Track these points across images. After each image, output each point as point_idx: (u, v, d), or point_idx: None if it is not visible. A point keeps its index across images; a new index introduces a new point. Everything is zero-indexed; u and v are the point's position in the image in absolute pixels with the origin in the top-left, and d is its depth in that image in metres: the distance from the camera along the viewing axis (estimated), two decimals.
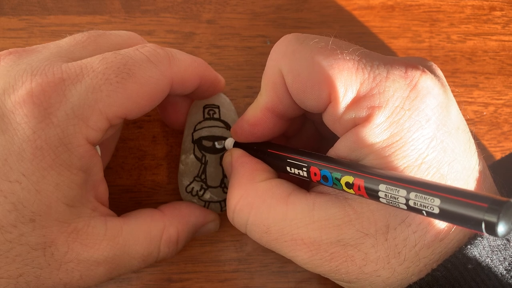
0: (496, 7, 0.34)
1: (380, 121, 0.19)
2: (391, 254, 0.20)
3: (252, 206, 0.22)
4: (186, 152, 0.27)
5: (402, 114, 0.19)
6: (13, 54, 0.22)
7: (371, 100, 0.20)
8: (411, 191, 0.17)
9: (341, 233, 0.20)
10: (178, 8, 0.32)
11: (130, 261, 0.23)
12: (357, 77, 0.20)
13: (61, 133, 0.20)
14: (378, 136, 0.19)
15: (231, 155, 0.25)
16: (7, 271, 0.19)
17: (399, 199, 0.17)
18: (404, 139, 0.19)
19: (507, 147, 0.32)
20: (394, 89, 0.19)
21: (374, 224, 0.20)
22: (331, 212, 0.21)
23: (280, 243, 0.22)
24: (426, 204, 0.16)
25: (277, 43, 0.22)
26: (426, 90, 0.20)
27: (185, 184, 0.27)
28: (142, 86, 0.22)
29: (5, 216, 0.19)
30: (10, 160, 0.19)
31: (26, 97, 0.20)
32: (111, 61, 0.21)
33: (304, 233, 0.21)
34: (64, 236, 0.20)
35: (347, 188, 0.20)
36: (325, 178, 0.21)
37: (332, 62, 0.20)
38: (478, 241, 0.19)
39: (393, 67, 0.20)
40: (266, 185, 0.23)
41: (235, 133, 0.25)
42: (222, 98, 0.28)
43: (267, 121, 0.24)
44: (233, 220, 0.24)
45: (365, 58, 0.20)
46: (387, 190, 0.18)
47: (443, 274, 0.20)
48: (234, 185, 0.24)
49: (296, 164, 0.22)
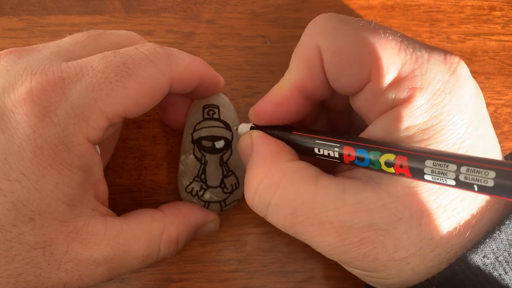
0: (496, 7, 0.34)
1: (421, 103, 0.19)
2: (424, 240, 0.20)
3: (278, 186, 0.21)
4: (185, 152, 0.27)
5: (443, 97, 0.19)
6: (13, 54, 0.22)
7: (413, 81, 0.19)
8: (462, 165, 0.16)
9: (374, 217, 0.20)
10: (178, 8, 0.32)
11: (130, 260, 0.23)
12: (399, 57, 0.20)
13: (61, 132, 0.20)
14: (419, 117, 0.19)
15: (251, 136, 0.24)
16: (7, 270, 0.19)
17: (448, 174, 0.17)
18: (444, 122, 0.19)
19: (507, 147, 0.32)
20: (435, 72, 0.19)
21: (409, 208, 0.19)
22: (364, 196, 0.20)
23: (305, 227, 0.21)
24: (479, 178, 0.16)
25: (313, 21, 0.22)
26: (464, 77, 0.20)
27: (185, 184, 0.27)
28: (141, 85, 0.22)
29: (4, 215, 0.19)
30: (10, 159, 0.19)
31: (26, 96, 0.20)
32: (111, 60, 0.21)
33: (334, 216, 0.20)
34: (64, 235, 0.20)
35: (386, 167, 0.19)
36: (361, 159, 0.20)
37: (375, 40, 0.20)
38: (496, 234, 0.19)
39: (433, 51, 0.20)
40: (293, 165, 0.22)
41: (256, 113, 0.24)
42: (221, 98, 0.28)
43: (294, 100, 0.23)
44: (254, 200, 0.22)
45: (407, 40, 0.20)
46: (435, 166, 0.17)
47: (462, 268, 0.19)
48: (257, 164, 0.22)
49: (327, 145, 0.21)
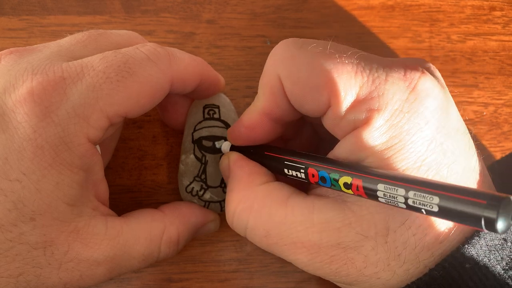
0: (496, 7, 0.34)
1: (379, 124, 0.19)
2: (391, 257, 0.20)
3: (251, 210, 0.22)
4: (186, 152, 0.27)
5: (401, 117, 0.19)
6: (14, 53, 0.22)
7: (370, 103, 0.19)
8: (409, 190, 0.17)
9: (341, 236, 0.20)
10: (178, 8, 0.32)
11: (130, 261, 0.23)
12: (356, 80, 0.20)
13: (61, 132, 0.20)
14: (377, 139, 0.19)
15: (228, 158, 0.25)
16: (7, 270, 0.19)
17: (398, 198, 0.17)
18: (403, 141, 0.19)
19: (507, 147, 0.32)
20: (393, 92, 0.19)
21: (374, 226, 0.20)
22: (330, 215, 0.21)
23: (280, 247, 0.22)
24: (425, 203, 0.16)
25: (275, 48, 0.22)
26: (425, 92, 0.20)
27: (185, 184, 0.27)
28: (142, 84, 0.22)
29: (5, 215, 0.19)
30: (11, 158, 0.19)
31: (27, 96, 0.20)
32: (112, 59, 0.21)
33: (304, 236, 0.21)
34: (65, 235, 0.20)
35: (345, 189, 0.20)
36: (323, 179, 0.21)
37: (331, 66, 0.20)
38: (475, 240, 0.19)
39: (392, 69, 0.20)
40: (265, 188, 0.23)
41: (231, 136, 0.25)
42: (222, 98, 0.28)
43: (264, 125, 0.24)
44: (233, 224, 0.24)
45: (364, 61, 0.20)
46: (386, 189, 0.18)
47: (441, 273, 0.19)
48: (233, 189, 0.24)
49: (294, 166, 0.22)
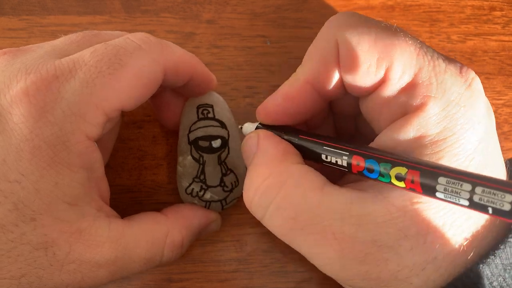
0: (496, 7, 0.34)
1: (435, 112, 0.18)
2: (428, 259, 0.18)
3: (282, 186, 0.20)
4: (183, 154, 0.27)
5: (458, 109, 0.18)
6: (7, 54, 0.21)
7: (428, 88, 0.19)
8: (477, 185, 0.16)
9: (380, 232, 0.18)
10: (178, 8, 0.32)
11: (132, 264, 0.23)
12: (417, 61, 0.19)
13: (59, 131, 0.20)
14: (431, 128, 0.18)
15: (258, 134, 0.22)
16: (10, 271, 0.19)
17: (462, 194, 0.16)
18: (457, 135, 0.18)
19: (507, 147, 0.32)
20: (451, 83, 0.19)
21: (416, 225, 0.18)
22: (371, 208, 0.19)
23: (305, 234, 0.19)
24: (495, 200, 0.15)
25: (335, 16, 0.21)
26: (479, 92, 0.19)
27: (184, 186, 0.27)
28: (135, 75, 0.21)
29: (6, 215, 0.19)
30: (9, 160, 0.19)
31: (22, 97, 0.20)
32: (102, 52, 0.21)
33: (338, 226, 0.19)
34: (66, 236, 0.20)
35: (397, 181, 0.18)
36: (370, 169, 0.19)
37: (395, 41, 0.19)
38: (490, 259, 0.18)
39: (451, 62, 0.20)
40: (301, 168, 0.20)
41: (264, 108, 0.22)
42: (215, 97, 0.28)
43: (305, 95, 0.22)
44: (254, 200, 0.21)
45: (425, 47, 0.20)
46: (448, 183, 0.16)
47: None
48: (262, 163, 0.21)
49: (336, 152, 0.20)
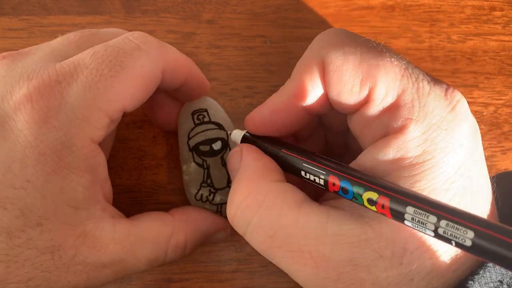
0: (496, 7, 0.34)
1: (415, 135, 0.18)
2: (403, 281, 0.18)
3: (261, 205, 0.20)
4: (186, 162, 0.27)
5: (439, 133, 0.18)
6: (7, 58, 0.21)
7: (410, 111, 0.19)
8: (442, 219, 0.16)
9: (355, 252, 0.19)
10: (178, 8, 0.32)
11: (136, 264, 0.23)
12: (401, 82, 0.19)
13: (63, 136, 0.20)
14: (411, 150, 0.18)
15: (242, 149, 0.23)
16: (17, 276, 0.19)
17: (428, 225, 0.16)
18: (436, 159, 0.18)
19: (507, 147, 0.32)
20: (434, 106, 0.19)
21: (391, 245, 0.18)
22: (346, 228, 0.19)
23: (283, 252, 0.20)
24: (457, 235, 0.15)
25: (322, 34, 0.21)
26: (463, 116, 0.19)
27: (193, 192, 0.26)
28: (136, 76, 0.21)
29: (13, 221, 0.19)
30: (14, 167, 0.19)
31: (26, 103, 0.20)
32: (102, 54, 0.21)
33: (313, 245, 0.19)
34: (72, 239, 0.20)
35: (368, 205, 0.18)
36: (345, 190, 0.19)
37: (380, 62, 0.19)
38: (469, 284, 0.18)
39: (436, 85, 0.19)
40: (280, 186, 0.21)
41: (251, 121, 0.23)
42: (208, 101, 0.28)
43: (291, 109, 0.22)
44: (235, 217, 0.21)
45: (411, 69, 0.20)
46: (415, 213, 0.17)
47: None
48: (243, 180, 0.21)
49: (314, 170, 0.20)
